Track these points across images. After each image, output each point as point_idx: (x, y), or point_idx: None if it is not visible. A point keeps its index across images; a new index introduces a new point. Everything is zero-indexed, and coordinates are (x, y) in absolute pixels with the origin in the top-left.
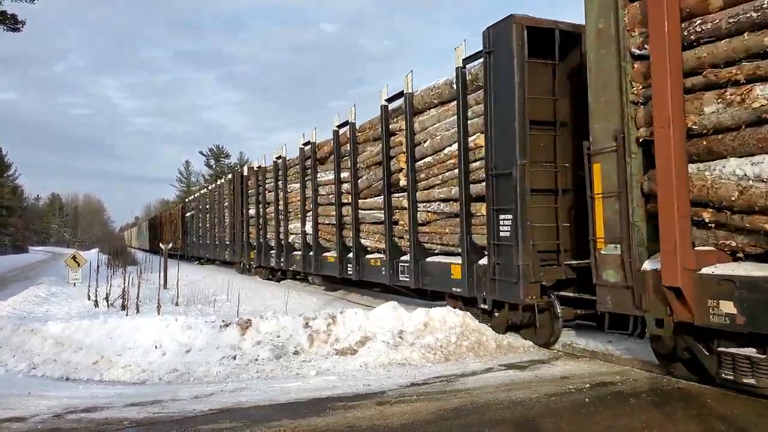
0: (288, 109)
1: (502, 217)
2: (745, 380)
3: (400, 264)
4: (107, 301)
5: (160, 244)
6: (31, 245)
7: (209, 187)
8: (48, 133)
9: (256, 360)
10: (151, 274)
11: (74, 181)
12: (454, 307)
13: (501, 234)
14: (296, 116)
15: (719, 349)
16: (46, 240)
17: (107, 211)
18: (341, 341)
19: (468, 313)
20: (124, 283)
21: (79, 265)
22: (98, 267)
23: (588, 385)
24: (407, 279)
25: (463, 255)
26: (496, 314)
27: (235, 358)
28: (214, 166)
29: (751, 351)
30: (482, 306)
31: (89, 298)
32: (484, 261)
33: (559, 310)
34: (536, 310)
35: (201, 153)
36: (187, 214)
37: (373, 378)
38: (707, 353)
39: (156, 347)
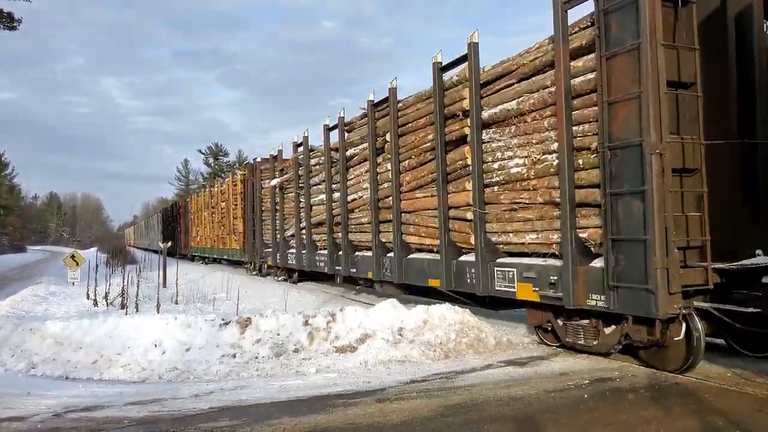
0: (287, 107)
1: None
2: None
3: None
4: (106, 300)
5: (160, 243)
6: (29, 245)
7: (360, 118)
8: (47, 132)
9: (256, 358)
10: (150, 273)
11: (73, 180)
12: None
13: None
14: (296, 115)
15: None
16: (45, 239)
17: (106, 210)
18: (341, 339)
19: (467, 309)
20: (123, 282)
21: (77, 265)
22: (97, 266)
23: (587, 382)
24: None
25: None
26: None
27: (235, 357)
28: (213, 164)
29: None
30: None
31: (88, 297)
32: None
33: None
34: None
35: (200, 151)
36: (273, 183)
37: (373, 375)
38: None
39: (156, 346)
